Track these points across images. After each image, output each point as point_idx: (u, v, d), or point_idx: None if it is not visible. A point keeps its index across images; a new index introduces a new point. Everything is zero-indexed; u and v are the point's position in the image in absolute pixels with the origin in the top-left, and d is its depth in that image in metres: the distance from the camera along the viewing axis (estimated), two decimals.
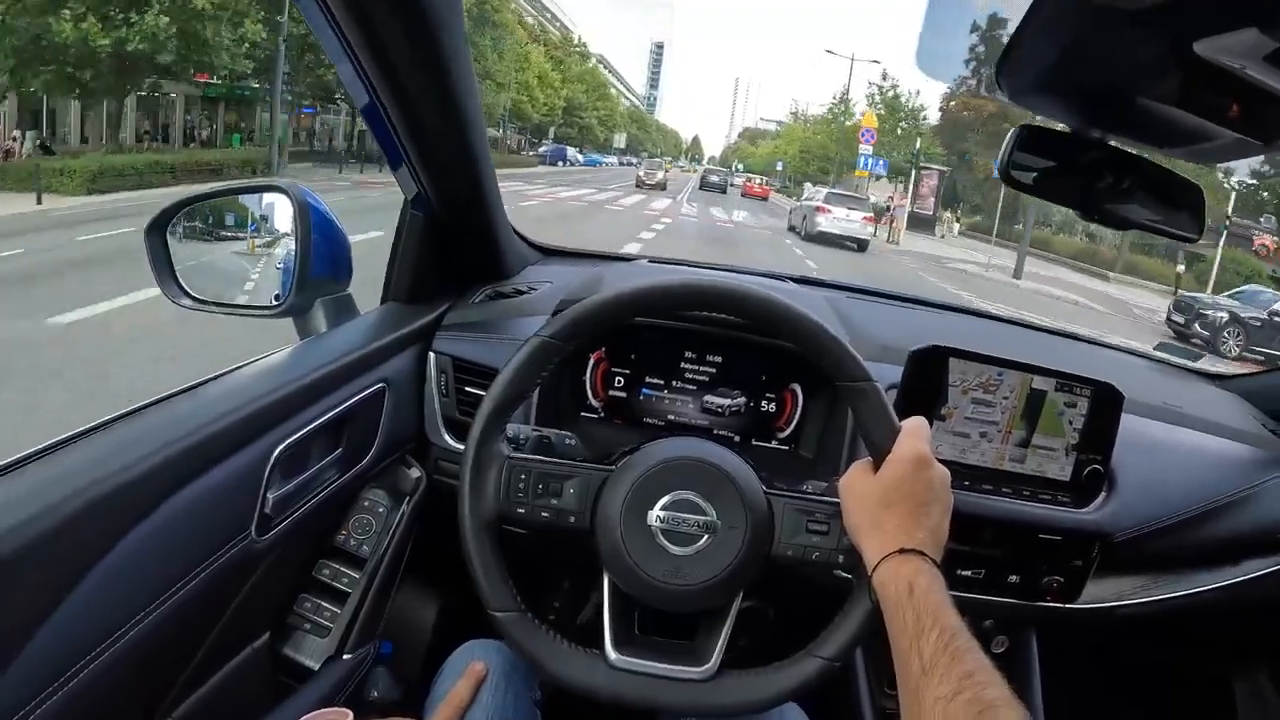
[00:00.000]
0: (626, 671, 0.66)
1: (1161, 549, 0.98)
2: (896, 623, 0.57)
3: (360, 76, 0.74)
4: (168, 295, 0.89)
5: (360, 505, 0.90)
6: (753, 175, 54.46)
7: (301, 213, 0.87)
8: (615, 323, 0.71)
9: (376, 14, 0.67)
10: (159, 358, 3.94)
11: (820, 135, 40.15)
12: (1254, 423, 1.17)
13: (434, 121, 0.82)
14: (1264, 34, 0.51)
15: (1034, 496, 0.92)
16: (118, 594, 0.57)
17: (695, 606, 0.69)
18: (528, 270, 1.21)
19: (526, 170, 31.55)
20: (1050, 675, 1.03)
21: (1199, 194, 0.82)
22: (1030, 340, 1.33)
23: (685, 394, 1.01)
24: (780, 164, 54.41)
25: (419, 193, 0.94)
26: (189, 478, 0.63)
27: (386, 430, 0.90)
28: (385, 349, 0.91)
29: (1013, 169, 0.77)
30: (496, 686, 0.76)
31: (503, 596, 0.67)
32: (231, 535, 0.68)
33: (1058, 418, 0.92)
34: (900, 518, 0.61)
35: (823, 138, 39.20)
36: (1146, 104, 0.66)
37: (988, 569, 0.93)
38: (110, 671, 0.55)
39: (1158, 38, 0.56)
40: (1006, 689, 0.50)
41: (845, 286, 1.37)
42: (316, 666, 0.83)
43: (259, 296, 0.94)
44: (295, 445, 0.74)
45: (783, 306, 0.69)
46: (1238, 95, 0.62)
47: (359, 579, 0.87)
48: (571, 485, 0.69)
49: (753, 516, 0.67)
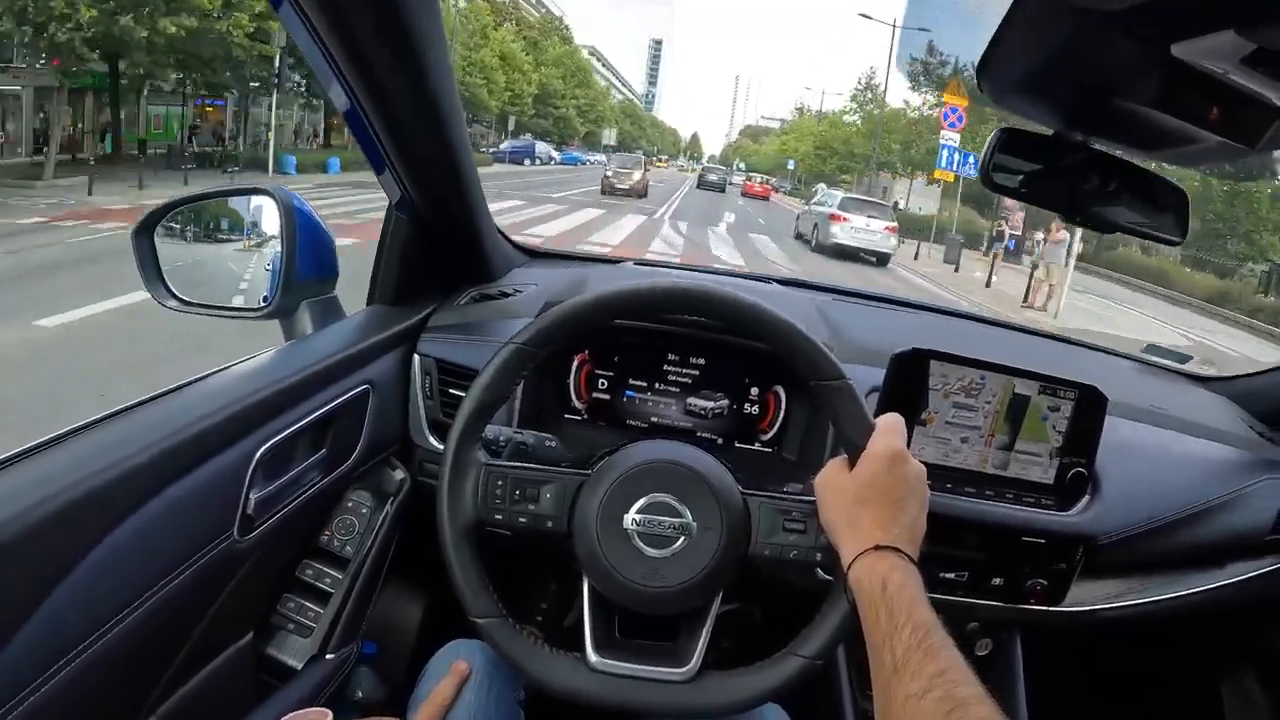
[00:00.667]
0: (607, 674, 0.67)
1: (1146, 552, 0.98)
2: (870, 620, 0.57)
3: (340, 81, 0.75)
4: (155, 297, 0.89)
5: (344, 506, 0.90)
6: (753, 174, 50.03)
7: (287, 216, 0.88)
8: (588, 327, 0.72)
9: (354, 18, 0.67)
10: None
11: (838, 130, 33.68)
12: (1241, 425, 1.17)
13: (415, 124, 0.82)
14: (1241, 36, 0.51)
15: (1017, 499, 0.92)
16: (100, 593, 0.57)
17: (674, 608, 0.69)
18: (513, 273, 1.21)
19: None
20: (1034, 678, 1.03)
21: (1183, 196, 0.82)
22: (1014, 342, 1.33)
23: (668, 396, 1.01)
24: (791, 162, 46.60)
25: (403, 196, 0.94)
26: (171, 478, 0.63)
27: (371, 432, 0.90)
28: (370, 351, 0.91)
29: (995, 172, 0.77)
30: (480, 686, 0.77)
31: (483, 602, 0.67)
32: (214, 535, 0.68)
33: (1042, 422, 0.92)
34: (876, 514, 0.62)
35: (846, 131, 32.51)
36: (1127, 106, 0.66)
37: (971, 572, 0.93)
38: (93, 670, 0.56)
39: (1137, 40, 0.56)
40: (978, 686, 0.50)
41: (830, 289, 1.37)
42: (299, 666, 0.83)
43: (245, 299, 0.94)
44: (279, 446, 0.75)
45: (753, 307, 0.69)
46: (1217, 98, 0.62)
47: (342, 579, 0.87)
48: (549, 490, 0.69)
49: (728, 517, 0.68)
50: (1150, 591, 0.99)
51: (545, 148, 38.17)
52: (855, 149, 30.63)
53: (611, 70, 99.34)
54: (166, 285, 0.89)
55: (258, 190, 0.92)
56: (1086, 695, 1.24)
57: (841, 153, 32.64)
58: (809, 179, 40.84)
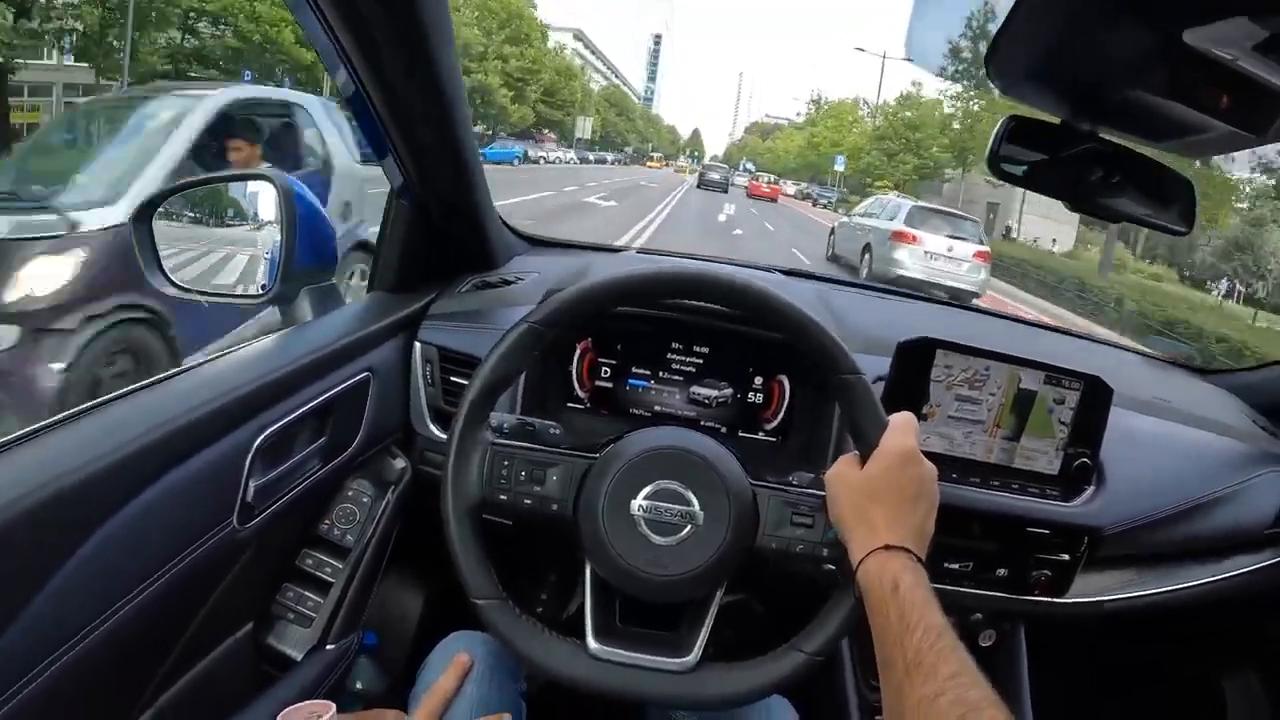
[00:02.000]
0: (607, 661, 0.66)
1: (1150, 544, 0.99)
2: (881, 619, 0.57)
3: (345, 66, 0.74)
4: (153, 283, 0.88)
5: (344, 495, 0.89)
6: (761, 174, 43.03)
7: (286, 202, 0.87)
8: (602, 309, 0.71)
9: (361, 3, 0.66)
10: None
11: (924, 113, 24.07)
12: (1244, 418, 1.17)
13: (419, 111, 0.82)
14: (1254, 23, 0.50)
15: (1022, 490, 0.92)
16: (98, 582, 0.56)
17: (677, 597, 0.69)
18: (515, 260, 1.20)
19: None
20: (1038, 669, 1.03)
21: (1190, 187, 0.82)
22: (1020, 334, 1.34)
23: (672, 385, 1.00)
24: (840, 161, 32.66)
25: (405, 182, 0.94)
26: (170, 465, 0.62)
27: (371, 420, 0.89)
28: (370, 338, 0.91)
29: (1001, 161, 0.77)
30: (481, 678, 0.76)
31: (484, 584, 0.67)
32: (214, 523, 0.67)
33: (1048, 416, 0.92)
34: (886, 513, 0.61)
35: (932, 118, 23.28)
36: (1136, 95, 0.65)
37: (976, 562, 0.93)
38: (91, 660, 0.55)
39: (1147, 27, 0.55)
40: (990, 689, 0.50)
41: (833, 279, 1.37)
42: (300, 656, 0.82)
43: (244, 285, 0.93)
44: (278, 434, 0.74)
45: (774, 298, 0.69)
46: (1228, 86, 0.62)
47: (343, 569, 0.86)
48: (555, 472, 0.69)
49: (736, 508, 0.67)
50: (1153, 583, 0.99)
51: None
52: (941, 146, 21.67)
53: (599, 56, 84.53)
54: (164, 271, 0.88)
55: (257, 176, 0.92)
56: (1090, 687, 1.24)
57: (925, 148, 23.10)
58: (860, 184, 28.87)
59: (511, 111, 31.58)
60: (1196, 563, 1.00)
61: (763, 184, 33.24)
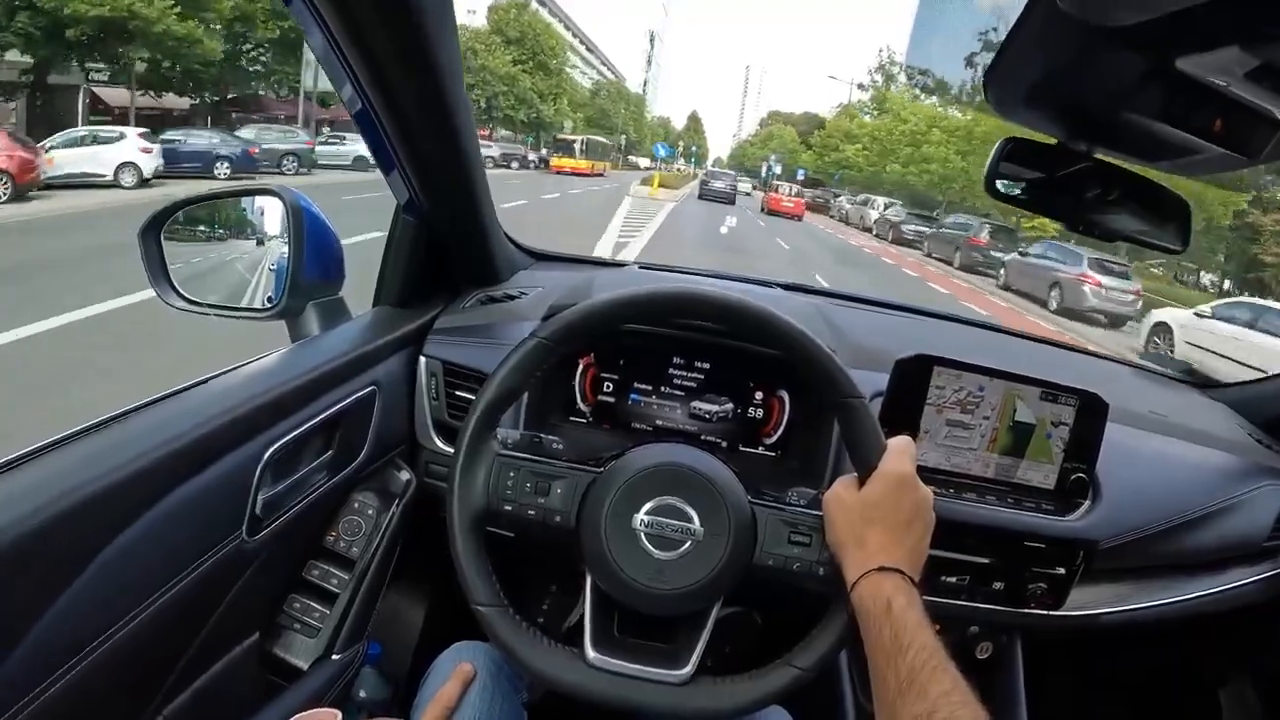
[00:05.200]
0: (604, 671, 0.67)
1: (1146, 557, 0.99)
2: (874, 639, 0.58)
3: (352, 81, 0.75)
4: (161, 297, 0.89)
5: (350, 507, 0.90)
6: (781, 182, 32.04)
7: (294, 216, 0.88)
8: (611, 327, 0.72)
9: (367, 19, 0.67)
10: None
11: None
12: (1240, 432, 1.18)
13: (425, 127, 0.83)
14: (1245, 51, 0.51)
15: (1019, 504, 0.93)
16: (110, 592, 0.57)
17: (675, 610, 0.70)
18: (519, 275, 1.21)
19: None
20: (1035, 682, 1.03)
21: (1185, 207, 0.83)
22: (1016, 349, 1.34)
23: (673, 400, 1.01)
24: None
25: (411, 198, 0.95)
26: (181, 478, 0.63)
27: (377, 433, 0.90)
28: (376, 352, 0.92)
29: (998, 180, 0.78)
30: (484, 688, 0.77)
31: (486, 591, 0.68)
32: (223, 535, 0.68)
33: (1046, 442, 0.93)
34: (882, 535, 0.63)
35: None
36: (1131, 118, 0.66)
37: (972, 576, 0.94)
38: (101, 669, 0.56)
39: (1142, 54, 0.57)
40: (980, 708, 0.52)
41: (833, 294, 1.38)
42: (306, 666, 0.83)
43: (252, 299, 0.94)
44: (286, 447, 0.75)
45: (776, 319, 0.70)
46: (1220, 111, 0.63)
47: (348, 580, 0.87)
48: (559, 485, 0.70)
49: (736, 525, 0.68)
50: (1150, 596, 0.99)
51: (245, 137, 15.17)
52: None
53: (583, 39, 68.07)
54: (173, 284, 0.89)
55: (265, 191, 0.92)
56: (1087, 699, 1.25)
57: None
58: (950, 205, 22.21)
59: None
60: (1192, 576, 1.01)
61: (784, 198, 26.26)
